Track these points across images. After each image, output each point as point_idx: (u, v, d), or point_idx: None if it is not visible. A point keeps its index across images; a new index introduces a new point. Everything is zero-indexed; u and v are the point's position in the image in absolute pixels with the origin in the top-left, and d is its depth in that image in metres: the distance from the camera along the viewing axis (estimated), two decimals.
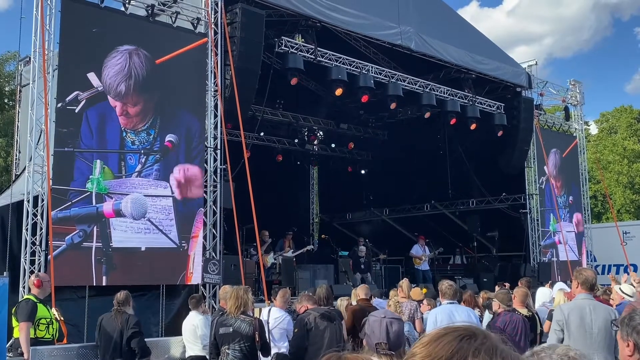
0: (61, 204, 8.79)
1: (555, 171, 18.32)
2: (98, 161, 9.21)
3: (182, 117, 10.38)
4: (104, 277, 9.04)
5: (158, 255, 9.68)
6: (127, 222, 9.37)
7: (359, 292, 8.53)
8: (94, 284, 9.05)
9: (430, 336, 1.30)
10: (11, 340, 7.32)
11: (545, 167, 17.62)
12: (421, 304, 8.98)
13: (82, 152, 9.18)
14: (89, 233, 8.92)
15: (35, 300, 6.78)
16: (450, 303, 6.52)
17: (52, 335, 6.89)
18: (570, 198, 18.69)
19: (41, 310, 6.78)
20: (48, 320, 6.82)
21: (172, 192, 9.95)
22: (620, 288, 7.49)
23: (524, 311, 7.13)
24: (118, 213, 9.26)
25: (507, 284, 11.85)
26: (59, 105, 9.13)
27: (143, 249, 9.52)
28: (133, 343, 6.75)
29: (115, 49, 9.62)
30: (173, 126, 10.24)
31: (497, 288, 10.27)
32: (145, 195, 9.65)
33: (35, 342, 6.63)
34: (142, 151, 9.84)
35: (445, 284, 6.60)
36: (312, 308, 6.76)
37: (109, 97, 9.54)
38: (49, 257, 8.58)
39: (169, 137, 10.13)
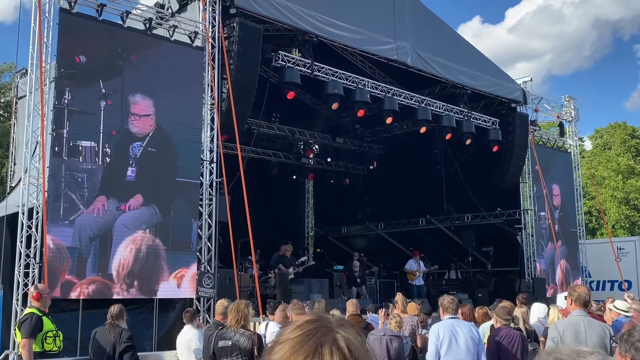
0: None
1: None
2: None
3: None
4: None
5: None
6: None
7: (348, 308, 8.39)
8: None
9: (273, 341, 1.32)
10: (4, 353, 7.27)
11: (541, 186, 17.68)
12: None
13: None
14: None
15: (40, 314, 6.71)
16: (452, 318, 6.53)
17: (59, 347, 6.83)
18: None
19: (46, 323, 6.71)
20: (54, 332, 6.76)
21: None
22: (614, 305, 7.54)
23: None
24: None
25: (509, 303, 11.80)
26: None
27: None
28: (126, 357, 6.72)
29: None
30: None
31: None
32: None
33: (42, 355, 6.56)
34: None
35: (446, 299, 6.61)
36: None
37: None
38: (44, 268, 8.55)
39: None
